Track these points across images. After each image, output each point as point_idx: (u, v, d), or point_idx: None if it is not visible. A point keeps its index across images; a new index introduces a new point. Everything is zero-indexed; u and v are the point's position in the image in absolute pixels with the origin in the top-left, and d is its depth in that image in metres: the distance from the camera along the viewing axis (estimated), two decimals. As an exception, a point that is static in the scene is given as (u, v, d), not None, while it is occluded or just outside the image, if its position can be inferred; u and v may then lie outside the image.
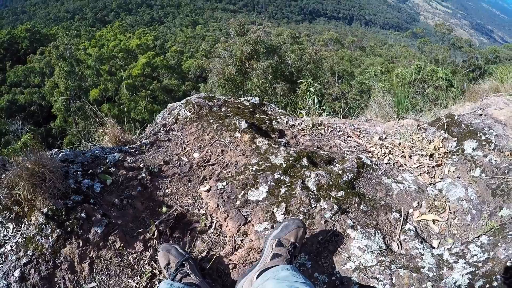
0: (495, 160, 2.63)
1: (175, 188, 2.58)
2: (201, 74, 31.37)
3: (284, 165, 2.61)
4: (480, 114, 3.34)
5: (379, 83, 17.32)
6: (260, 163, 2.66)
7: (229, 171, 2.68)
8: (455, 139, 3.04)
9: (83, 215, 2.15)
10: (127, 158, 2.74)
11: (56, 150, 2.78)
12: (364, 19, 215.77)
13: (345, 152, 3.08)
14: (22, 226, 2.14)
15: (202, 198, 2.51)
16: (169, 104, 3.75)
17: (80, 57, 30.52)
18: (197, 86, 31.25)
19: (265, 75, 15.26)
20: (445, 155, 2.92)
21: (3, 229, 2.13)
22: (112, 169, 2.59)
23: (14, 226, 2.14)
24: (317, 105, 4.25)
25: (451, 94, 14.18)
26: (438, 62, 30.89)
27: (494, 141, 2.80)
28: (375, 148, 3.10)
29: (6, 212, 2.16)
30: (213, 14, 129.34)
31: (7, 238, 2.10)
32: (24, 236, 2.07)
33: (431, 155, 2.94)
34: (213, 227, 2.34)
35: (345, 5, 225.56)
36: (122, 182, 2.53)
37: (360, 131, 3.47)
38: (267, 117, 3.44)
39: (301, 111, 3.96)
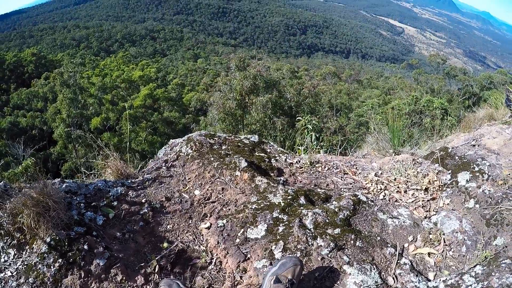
0: (489, 190, 2.67)
1: (176, 224, 2.64)
2: (202, 107, 31.65)
3: (282, 204, 2.69)
4: (474, 145, 3.40)
5: (376, 115, 17.57)
6: (259, 201, 2.73)
7: (229, 209, 2.75)
8: (449, 171, 3.09)
9: (85, 246, 2.20)
10: (130, 192, 2.82)
11: (58, 179, 2.84)
12: (361, 52, 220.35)
13: (342, 189, 3.13)
14: (24, 253, 2.17)
15: (202, 235, 2.57)
16: (171, 140, 3.84)
17: (83, 85, 30.93)
18: (198, 119, 31.50)
19: (265, 109, 15.44)
20: (440, 188, 2.97)
21: (4, 254, 2.16)
22: (115, 203, 2.67)
23: (15, 252, 2.17)
24: (315, 142, 4.35)
25: (447, 123, 14.37)
26: (434, 91, 31.33)
27: (487, 172, 2.84)
28: (371, 184, 3.16)
29: (7, 238, 2.20)
30: (215, 48, 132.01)
31: (8, 263, 2.12)
32: (26, 263, 2.10)
33: (426, 189, 2.99)
34: (213, 263, 2.38)
35: (342, 39, 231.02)
36: (124, 216, 2.59)
37: (356, 168, 3.54)
38: (266, 155, 3.54)
39: (300, 147, 4.03)
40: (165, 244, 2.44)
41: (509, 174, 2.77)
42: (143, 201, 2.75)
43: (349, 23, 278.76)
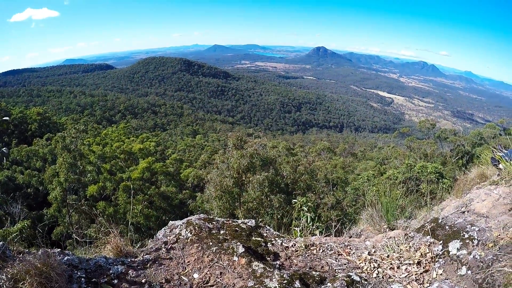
0: (480, 255, 2.76)
1: (176, 306, 2.68)
2: (199, 183, 31.67)
3: (278, 288, 2.76)
4: (463, 212, 3.53)
5: (372, 187, 17.68)
6: (256, 286, 2.81)
7: (228, 293, 2.81)
8: (441, 242, 3.20)
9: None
10: (130, 271, 2.89)
11: (58, 250, 2.91)
12: (354, 125, 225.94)
13: (336, 271, 3.21)
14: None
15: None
16: (170, 222, 3.95)
17: (84, 152, 31.11)
18: (194, 195, 31.38)
19: (261, 187, 15.54)
20: (432, 260, 3.06)
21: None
22: (115, 281, 2.72)
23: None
24: (311, 223, 4.47)
25: (443, 185, 14.48)
26: (427, 156, 31.70)
27: (476, 237, 2.95)
28: (365, 263, 3.25)
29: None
30: (213, 125, 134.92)
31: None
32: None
33: (419, 262, 3.07)
34: None
35: (335, 114, 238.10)
36: (124, 295, 2.64)
37: (350, 248, 3.64)
38: (262, 240, 3.67)
39: (296, 228, 4.15)
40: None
41: (499, 235, 2.87)
42: (143, 281, 2.80)
43: (341, 98, 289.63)
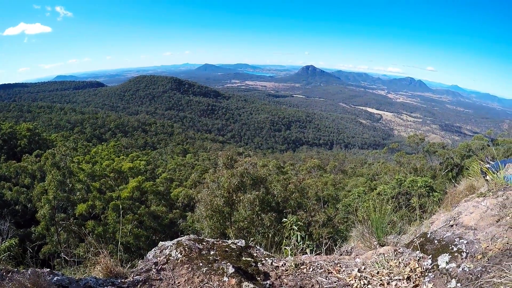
0: (469, 267, 2.79)
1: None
2: (189, 203, 31.46)
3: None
4: (452, 225, 3.56)
5: (363, 203, 17.73)
6: (246, 305, 2.78)
7: (218, 314, 2.79)
8: (430, 256, 3.23)
9: None
10: (120, 292, 2.83)
11: (47, 270, 2.87)
12: (344, 142, 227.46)
13: (326, 289, 3.19)
14: None
15: None
16: (160, 243, 3.93)
17: (73, 170, 30.70)
18: (185, 214, 31.11)
19: (252, 206, 15.47)
20: (422, 274, 3.07)
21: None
22: (106, 302, 2.68)
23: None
24: (301, 242, 4.48)
25: (434, 198, 14.59)
26: (417, 170, 31.95)
27: (465, 250, 2.98)
28: (355, 280, 3.26)
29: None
30: (203, 144, 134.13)
31: None
32: None
33: (408, 278, 3.09)
34: None
35: (325, 131, 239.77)
36: (115, 316, 2.60)
37: (340, 266, 3.65)
38: (252, 260, 3.66)
39: (287, 247, 4.15)
40: None
41: (487, 247, 2.90)
42: (133, 302, 2.77)
43: (330, 116, 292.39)
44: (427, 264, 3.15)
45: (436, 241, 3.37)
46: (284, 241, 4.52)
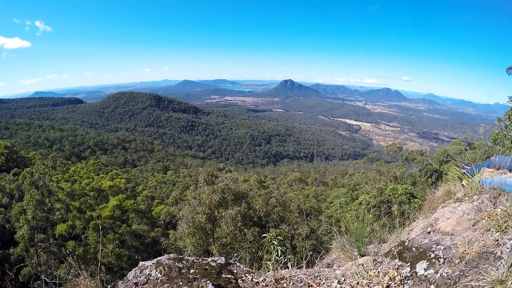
0: (446, 272, 2.83)
1: None
2: (171, 220, 31.07)
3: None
4: (429, 232, 3.63)
5: (345, 213, 17.87)
6: (226, 323, 2.76)
7: (198, 333, 2.75)
8: (408, 264, 3.26)
9: None
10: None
11: None
12: (324, 154, 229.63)
13: (306, 303, 3.19)
14: None
15: None
16: (140, 263, 3.88)
17: (52, 189, 29.84)
18: (167, 232, 30.72)
19: (234, 222, 15.39)
20: (401, 282, 3.10)
21: None
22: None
23: None
24: (281, 257, 4.50)
25: (414, 205, 14.83)
26: (397, 179, 32.43)
27: (442, 255, 3.03)
28: (334, 293, 3.25)
29: None
30: (184, 160, 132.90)
31: None
32: None
33: (388, 287, 3.11)
34: None
35: (305, 144, 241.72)
36: None
37: (320, 279, 3.65)
38: (233, 277, 3.64)
39: (268, 262, 4.15)
40: None
41: (465, 251, 2.96)
42: (114, 324, 2.72)
43: (309, 129, 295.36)
44: (405, 272, 3.19)
45: (414, 249, 3.42)
46: (265, 256, 4.52)
